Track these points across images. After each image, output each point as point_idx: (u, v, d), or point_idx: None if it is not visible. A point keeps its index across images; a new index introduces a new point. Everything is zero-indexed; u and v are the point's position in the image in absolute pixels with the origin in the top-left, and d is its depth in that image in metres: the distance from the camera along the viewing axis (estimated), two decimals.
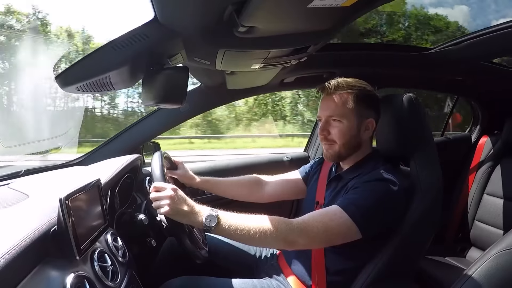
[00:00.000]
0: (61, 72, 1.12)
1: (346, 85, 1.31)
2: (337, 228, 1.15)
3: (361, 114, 1.32)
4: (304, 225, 1.15)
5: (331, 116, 1.33)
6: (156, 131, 2.05)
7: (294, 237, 1.14)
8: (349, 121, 1.31)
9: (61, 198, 0.84)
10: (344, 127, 1.31)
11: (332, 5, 0.83)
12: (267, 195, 1.68)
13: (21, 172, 1.57)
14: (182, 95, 1.21)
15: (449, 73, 2.20)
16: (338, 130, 1.32)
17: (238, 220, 1.13)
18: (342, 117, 1.31)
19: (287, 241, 1.14)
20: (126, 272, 1.13)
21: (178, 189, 1.16)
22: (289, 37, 1.11)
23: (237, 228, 1.11)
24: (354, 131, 1.33)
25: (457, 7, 19.28)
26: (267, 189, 1.68)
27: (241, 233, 1.11)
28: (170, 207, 1.12)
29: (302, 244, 1.16)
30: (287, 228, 1.13)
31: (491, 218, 2.12)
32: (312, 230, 1.15)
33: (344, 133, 1.32)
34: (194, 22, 1.02)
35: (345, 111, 1.31)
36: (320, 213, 1.21)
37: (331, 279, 1.29)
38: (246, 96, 2.41)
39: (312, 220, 1.17)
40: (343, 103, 1.31)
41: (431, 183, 1.28)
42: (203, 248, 1.35)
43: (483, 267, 0.90)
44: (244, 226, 1.11)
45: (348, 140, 1.33)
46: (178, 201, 1.13)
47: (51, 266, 0.82)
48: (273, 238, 1.13)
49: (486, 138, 2.37)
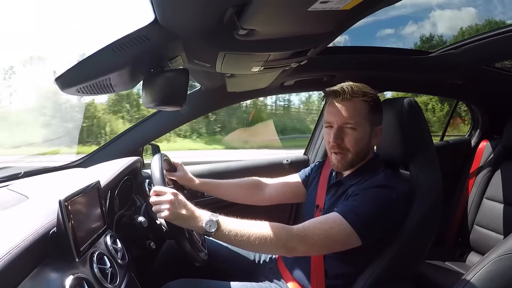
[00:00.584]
0: (61, 73, 1.12)
1: (361, 92, 1.28)
2: (337, 236, 1.15)
3: (373, 122, 1.31)
4: (304, 232, 1.15)
5: (347, 124, 1.29)
6: (156, 134, 2.05)
7: (294, 244, 1.13)
8: (363, 129, 1.29)
9: (60, 200, 0.84)
10: (359, 135, 1.29)
11: (333, 8, 0.83)
12: (267, 197, 1.67)
13: (20, 173, 1.57)
14: (182, 97, 1.20)
15: (449, 77, 2.20)
16: (353, 139, 1.29)
17: (238, 225, 1.13)
18: (357, 125, 1.28)
19: (287, 247, 1.14)
20: (125, 274, 1.13)
21: (178, 193, 1.16)
22: (289, 40, 1.10)
23: (237, 234, 1.11)
24: (367, 139, 1.32)
25: (464, 9, 19.35)
26: (267, 191, 1.67)
27: (241, 239, 1.11)
28: (170, 212, 1.12)
29: (302, 251, 1.16)
30: (287, 235, 1.13)
31: (491, 222, 2.12)
32: (312, 238, 1.14)
33: (358, 142, 1.30)
34: (194, 24, 1.02)
35: (361, 119, 1.28)
36: (320, 220, 1.20)
37: (330, 283, 1.29)
38: (246, 99, 2.41)
39: (312, 227, 1.16)
40: (359, 111, 1.28)
41: (431, 187, 1.28)
42: (202, 251, 1.35)
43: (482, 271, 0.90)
44: (244, 232, 1.11)
45: (361, 149, 1.32)
46: (178, 206, 1.13)
47: (50, 268, 0.82)
48: (273, 245, 1.13)
49: (486, 142, 2.37)
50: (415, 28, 31.10)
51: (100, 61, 1.10)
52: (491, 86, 2.32)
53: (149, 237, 1.42)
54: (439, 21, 30.30)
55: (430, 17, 31.96)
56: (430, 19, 31.82)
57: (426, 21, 32.01)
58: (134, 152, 1.97)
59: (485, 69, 2.08)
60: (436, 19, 31.04)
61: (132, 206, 1.61)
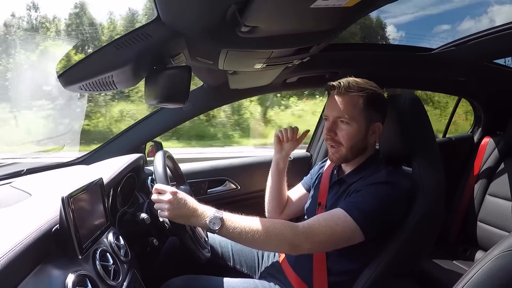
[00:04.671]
0: (64, 70, 1.12)
1: (358, 86, 1.27)
2: (342, 233, 1.15)
3: (370, 118, 1.30)
4: (310, 229, 1.15)
5: (340, 118, 1.29)
6: (159, 131, 2.05)
7: (299, 242, 1.13)
8: (358, 124, 1.28)
9: (63, 197, 0.85)
10: (353, 130, 1.29)
11: (335, 5, 0.83)
12: (286, 214, 1.69)
13: (23, 170, 1.57)
14: (185, 94, 1.20)
15: (452, 73, 2.19)
16: (346, 133, 1.29)
17: (243, 223, 1.12)
18: (351, 120, 1.28)
19: (292, 245, 1.14)
20: (128, 271, 1.13)
21: (178, 192, 1.15)
22: (292, 37, 1.10)
23: (242, 231, 1.11)
24: (362, 135, 1.31)
25: None
26: (286, 211, 1.69)
27: (246, 236, 1.11)
28: (170, 212, 1.12)
29: (307, 248, 1.16)
30: (292, 233, 1.13)
31: (494, 219, 2.12)
32: (318, 235, 1.14)
33: (352, 136, 1.29)
34: (196, 21, 1.02)
35: (355, 113, 1.28)
36: (325, 217, 1.20)
37: (333, 280, 1.29)
38: (249, 96, 2.41)
39: (317, 225, 1.16)
40: (354, 106, 1.28)
41: (433, 183, 1.27)
42: (205, 247, 1.36)
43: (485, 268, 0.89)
44: (248, 229, 1.11)
45: (355, 144, 1.31)
46: (178, 205, 1.12)
47: (53, 265, 0.83)
48: (278, 243, 1.13)
49: (488, 139, 2.36)
50: (472, 24, 30.35)
51: (103, 58, 1.10)
52: (493, 83, 2.31)
53: (152, 234, 1.42)
54: (497, 16, 29.61)
55: (488, 12, 31.23)
56: (488, 14, 31.09)
57: (484, 16, 31.28)
58: (137, 149, 1.97)
59: (487, 65, 2.07)
60: (494, 14, 30.29)
61: (135, 203, 1.61)
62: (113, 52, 1.09)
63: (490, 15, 30.37)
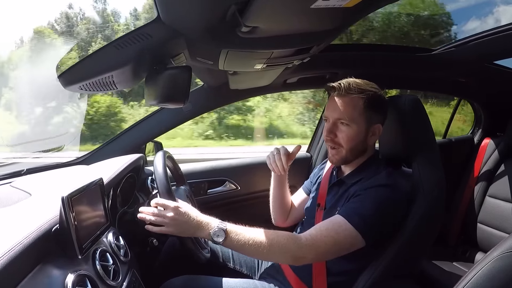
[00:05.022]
0: (64, 70, 1.12)
1: (358, 88, 1.26)
2: (344, 241, 1.15)
3: (370, 120, 1.29)
4: (312, 241, 1.15)
5: (340, 119, 1.28)
6: (159, 131, 2.05)
7: (303, 254, 1.13)
8: (358, 126, 1.27)
9: (63, 196, 0.85)
10: (353, 132, 1.28)
11: (335, 5, 0.83)
12: (290, 220, 1.70)
13: (23, 170, 1.57)
14: (185, 95, 1.20)
15: (452, 74, 2.19)
16: (346, 135, 1.28)
17: (246, 235, 1.12)
18: (351, 122, 1.27)
19: (295, 257, 1.14)
20: (128, 271, 1.13)
21: (179, 206, 1.15)
22: (292, 38, 1.10)
23: (245, 243, 1.11)
24: (362, 136, 1.30)
25: None
26: (290, 217, 1.70)
27: (249, 248, 1.11)
28: (173, 229, 1.12)
29: (310, 259, 1.16)
30: (295, 246, 1.13)
31: (494, 220, 2.12)
32: (320, 246, 1.14)
33: (352, 138, 1.29)
34: (197, 21, 1.02)
35: (355, 115, 1.26)
36: (327, 227, 1.19)
37: (332, 281, 1.29)
38: (249, 96, 2.41)
39: (319, 235, 1.16)
40: (354, 107, 1.26)
41: (433, 185, 1.27)
42: (205, 248, 1.35)
43: (484, 269, 0.89)
44: (252, 242, 1.11)
45: (355, 145, 1.30)
46: (181, 221, 1.13)
47: (52, 265, 0.82)
48: (281, 255, 1.14)
49: (488, 140, 2.36)
50: (477, 24, 30.15)
51: (103, 58, 1.10)
52: (494, 84, 2.31)
53: (152, 234, 1.42)
54: (503, 17, 29.49)
55: (494, 12, 31.11)
56: (494, 14, 30.98)
57: (489, 16, 31.18)
58: (137, 149, 1.97)
59: (487, 66, 2.07)
60: (500, 15, 30.20)
61: (134, 203, 1.61)
62: (113, 52, 1.09)
63: (496, 15, 30.17)
